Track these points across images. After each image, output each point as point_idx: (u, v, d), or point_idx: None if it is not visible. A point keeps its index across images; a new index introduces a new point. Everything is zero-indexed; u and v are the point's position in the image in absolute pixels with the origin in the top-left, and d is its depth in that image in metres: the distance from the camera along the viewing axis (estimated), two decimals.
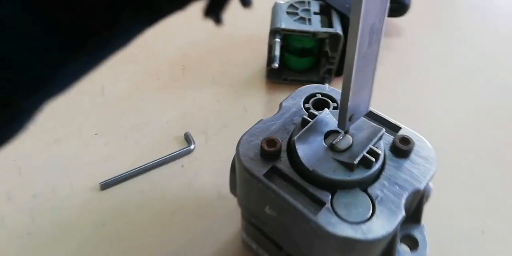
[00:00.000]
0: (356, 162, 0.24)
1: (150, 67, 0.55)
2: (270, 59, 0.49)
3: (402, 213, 0.24)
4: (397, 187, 0.25)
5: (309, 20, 0.50)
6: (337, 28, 0.48)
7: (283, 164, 0.26)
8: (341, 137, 0.26)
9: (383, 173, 0.26)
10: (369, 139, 0.26)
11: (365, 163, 0.25)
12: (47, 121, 0.47)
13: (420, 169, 0.26)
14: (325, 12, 0.52)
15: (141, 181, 0.42)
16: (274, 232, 0.28)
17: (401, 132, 0.28)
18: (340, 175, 0.24)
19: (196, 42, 0.59)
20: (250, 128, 0.28)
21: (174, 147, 0.45)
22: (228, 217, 0.40)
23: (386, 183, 0.25)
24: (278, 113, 0.29)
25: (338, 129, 0.26)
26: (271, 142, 0.26)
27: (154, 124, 0.47)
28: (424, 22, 0.65)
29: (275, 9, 0.51)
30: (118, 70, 0.54)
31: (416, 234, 0.28)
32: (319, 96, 0.31)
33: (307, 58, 0.53)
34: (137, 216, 0.39)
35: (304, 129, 0.26)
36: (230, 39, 0.60)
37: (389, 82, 0.54)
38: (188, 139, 0.46)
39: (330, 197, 0.24)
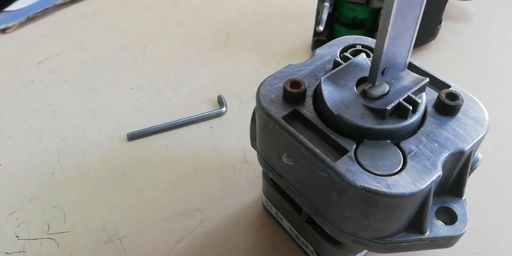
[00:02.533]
0: (389, 108, 0.21)
1: (194, 31, 0.54)
2: (316, 23, 0.46)
3: (439, 171, 0.20)
4: (436, 144, 0.21)
5: None
6: None
7: (307, 109, 0.23)
8: (376, 84, 0.23)
9: (422, 129, 0.22)
10: (409, 88, 0.22)
11: (400, 112, 0.21)
12: (86, 72, 0.47)
13: (467, 129, 0.22)
14: None
15: (168, 136, 0.41)
16: (291, 189, 0.26)
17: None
18: (369, 122, 0.21)
19: (243, 12, 0.57)
20: (276, 72, 0.25)
21: (206, 109, 0.44)
22: (250, 182, 0.37)
23: (423, 139, 0.22)
24: (309, 60, 0.26)
25: None
26: (295, 83, 0.23)
27: (190, 84, 0.46)
28: (494, 8, 0.58)
29: None
30: (162, 32, 0.53)
31: (456, 208, 0.24)
32: (359, 47, 0.27)
33: (358, 30, 0.49)
34: (158, 169, 0.38)
35: (335, 70, 0.23)
36: (279, 10, 0.58)
37: (454, 68, 0.49)
38: (221, 101, 0.44)
39: (354, 146, 0.21)
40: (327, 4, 0.44)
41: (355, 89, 0.23)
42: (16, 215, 0.34)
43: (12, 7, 0.52)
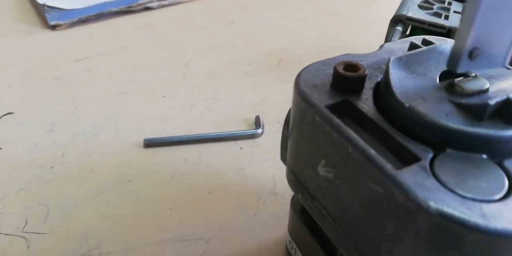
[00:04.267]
0: (492, 103, 0.14)
1: (245, 54, 0.50)
2: None
3: None
4: None
5: (446, 16, 0.40)
6: None
7: (363, 102, 0.17)
8: (471, 78, 0.16)
9: None
10: None
11: (507, 114, 0.14)
12: (121, 75, 0.44)
13: None
14: None
15: (189, 149, 0.35)
16: (325, 218, 0.18)
17: None
18: (458, 122, 0.14)
19: (301, 42, 0.53)
20: (328, 58, 0.20)
21: (240, 128, 0.38)
22: (275, 218, 0.30)
23: None
24: (373, 52, 0.20)
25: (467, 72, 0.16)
26: (351, 66, 0.17)
27: (227, 101, 0.42)
28: None
29: (404, 0, 0.43)
30: (211, 50, 0.50)
31: None
32: None
33: None
34: (169, 183, 0.32)
35: (411, 52, 0.17)
36: (341, 44, 0.53)
37: None
38: (258, 122, 0.39)
39: (431, 155, 0.14)
40: (399, 28, 0.39)
41: (437, 81, 0.16)
42: None
43: (67, 6, 0.52)
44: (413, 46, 0.18)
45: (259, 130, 0.38)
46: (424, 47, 0.17)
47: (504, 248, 0.12)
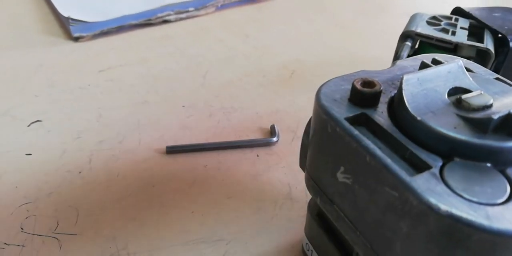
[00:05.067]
0: (496, 117, 0.16)
1: (260, 65, 0.53)
2: (394, 59, 0.42)
3: None
4: None
5: (453, 32, 0.42)
6: (489, 45, 0.39)
7: (379, 115, 0.18)
8: (476, 94, 0.18)
9: None
10: None
11: (510, 127, 0.16)
12: (143, 85, 0.46)
13: None
14: (476, 32, 0.43)
15: (209, 156, 0.37)
16: (343, 220, 0.20)
17: None
18: (465, 135, 0.16)
19: (313, 53, 0.55)
20: (346, 74, 0.21)
21: (256, 137, 0.40)
22: (291, 222, 0.32)
23: None
24: (386, 69, 0.22)
25: (472, 88, 0.18)
26: (368, 83, 0.19)
27: (244, 111, 0.44)
28: None
29: (413, 17, 0.45)
30: (227, 61, 0.52)
31: None
32: None
33: None
34: (190, 188, 0.34)
35: (422, 71, 0.18)
36: (351, 56, 0.55)
37: None
38: (273, 131, 0.40)
39: (440, 163, 0.16)
40: (408, 43, 0.40)
41: (445, 97, 0.18)
42: (28, 206, 0.31)
43: (90, 19, 0.55)
44: (424, 65, 0.19)
45: (275, 139, 0.39)
46: (434, 66, 0.19)
47: (506, 247, 0.14)
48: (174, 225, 0.30)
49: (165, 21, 0.59)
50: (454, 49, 0.40)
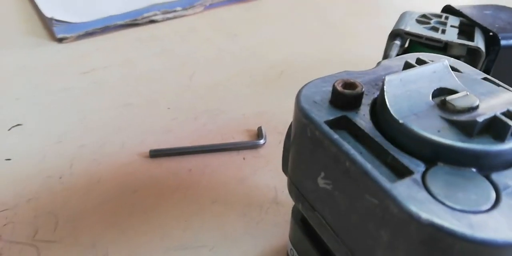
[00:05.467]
0: (481, 120, 0.15)
1: (248, 66, 0.52)
2: (383, 58, 0.41)
3: None
4: None
5: (443, 31, 0.41)
6: (479, 44, 0.38)
7: (360, 117, 0.18)
8: (461, 95, 0.17)
9: None
10: (507, 103, 0.16)
11: (495, 131, 0.15)
12: (126, 87, 0.45)
13: None
14: (466, 30, 0.42)
15: (194, 160, 0.36)
16: (324, 227, 0.19)
17: None
18: (449, 138, 0.15)
19: (302, 54, 0.54)
20: (327, 75, 0.21)
21: (242, 139, 0.39)
22: (277, 227, 0.31)
23: None
24: (371, 69, 0.22)
25: (457, 89, 0.18)
26: (349, 84, 0.18)
27: (230, 113, 0.43)
28: None
29: (403, 15, 0.44)
30: (215, 62, 0.52)
31: None
32: None
33: None
34: (174, 193, 0.33)
35: (405, 71, 0.18)
36: (340, 57, 0.55)
37: None
38: (260, 133, 0.40)
39: (423, 169, 0.15)
40: (397, 42, 0.40)
41: (430, 98, 0.17)
42: (6, 213, 0.30)
43: (74, 20, 0.54)
44: (407, 65, 0.19)
45: (261, 141, 0.39)
46: (418, 66, 0.18)
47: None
48: (156, 231, 0.29)
49: (152, 21, 0.58)
50: (444, 47, 0.40)
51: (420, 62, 0.19)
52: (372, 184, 0.15)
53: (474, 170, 0.15)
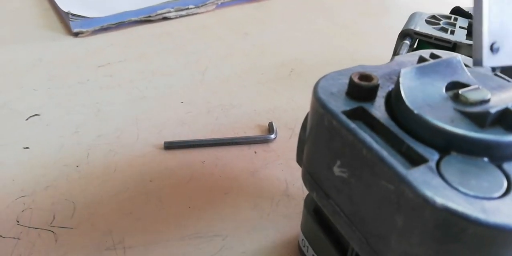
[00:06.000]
0: (493, 111, 0.16)
1: (258, 63, 0.52)
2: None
3: None
4: None
5: (452, 32, 0.42)
6: None
7: (376, 108, 0.18)
8: (474, 88, 0.18)
9: None
10: None
11: (507, 122, 0.16)
12: (141, 81, 0.46)
13: None
14: None
15: (206, 152, 0.37)
16: (338, 215, 0.20)
17: None
18: (462, 128, 0.16)
19: (312, 52, 0.55)
20: (343, 69, 0.21)
21: (254, 133, 0.40)
22: (287, 218, 0.32)
23: None
24: (384, 64, 0.22)
25: (469, 83, 0.18)
26: (366, 76, 0.19)
27: (242, 108, 0.43)
28: None
29: (412, 16, 0.45)
30: (226, 58, 0.52)
31: None
32: None
33: None
34: (188, 183, 0.33)
35: (420, 64, 0.18)
36: (350, 56, 0.55)
37: None
38: (271, 128, 0.40)
39: (437, 157, 0.16)
40: (407, 42, 0.40)
41: (443, 91, 0.18)
42: (25, 199, 0.31)
43: (90, 15, 0.55)
44: (422, 60, 0.19)
45: (272, 136, 0.39)
46: (432, 60, 0.19)
47: (502, 241, 0.14)
48: (170, 220, 0.30)
49: (165, 18, 0.59)
50: (452, 48, 0.40)
51: (434, 56, 0.20)
52: (388, 171, 0.15)
53: (486, 159, 0.16)
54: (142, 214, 0.31)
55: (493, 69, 0.20)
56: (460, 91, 0.17)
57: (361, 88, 0.18)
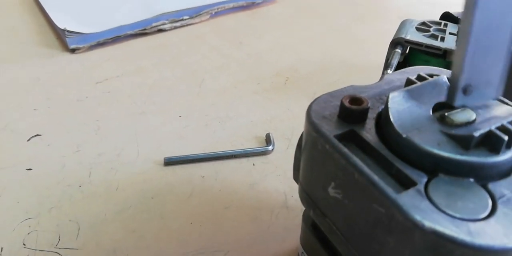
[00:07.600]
0: (477, 134, 0.16)
1: (254, 73, 0.53)
2: (385, 67, 0.42)
3: None
4: None
5: (442, 38, 0.42)
6: None
7: (367, 131, 0.19)
8: (460, 110, 0.18)
9: None
10: (502, 118, 0.18)
11: (491, 144, 0.17)
12: (139, 96, 0.47)
13: None
14: None
15: (206, 167, 0.38)
16: (335, 233, 0.21)
17: None
18: (448, 151, 0.17)
19: (307, 60, 0.56)
20: (334, 90, 0.22)
21: (251, 145, 0.41)
22: (287, 230, 0.32)
23: None
24: (375, 83, 0.23)
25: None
26: (356, 99, 0.20)
27: (239, 120, 0.44)
28: None
29: (403, 23, 0.45)
30: (222, 69, 0.53)
31: None
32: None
33: None
34: (188, 199, 0.34)
35: (407, 88, 0.19)
36: (344, 63, 0.56)
37: None
38: (268, 139, 0.41)
39: (425, 179, 0.17)
40: (398, 50, 0.41)
41: (430, 113, 0.19)
42: (30, 222, 0.32)
43: (86, 30, 0.55)
44: (409, 82, 0.20)
45: (270, 147, 0.40)
46: (418, 83, 0.20)
47: None
48: (173, 236, 0.31)
49: (160, 30, 0.60)
50: (443, 54, 0.41)
51: (421, 78, 0.20)
52: (379, 195, 0.16)
53: (472, 180, 0.17)
54: (145, 231, 0.31)
55: None
56: (446, 113, 0.18)
57: (352, 112, 0.19)
